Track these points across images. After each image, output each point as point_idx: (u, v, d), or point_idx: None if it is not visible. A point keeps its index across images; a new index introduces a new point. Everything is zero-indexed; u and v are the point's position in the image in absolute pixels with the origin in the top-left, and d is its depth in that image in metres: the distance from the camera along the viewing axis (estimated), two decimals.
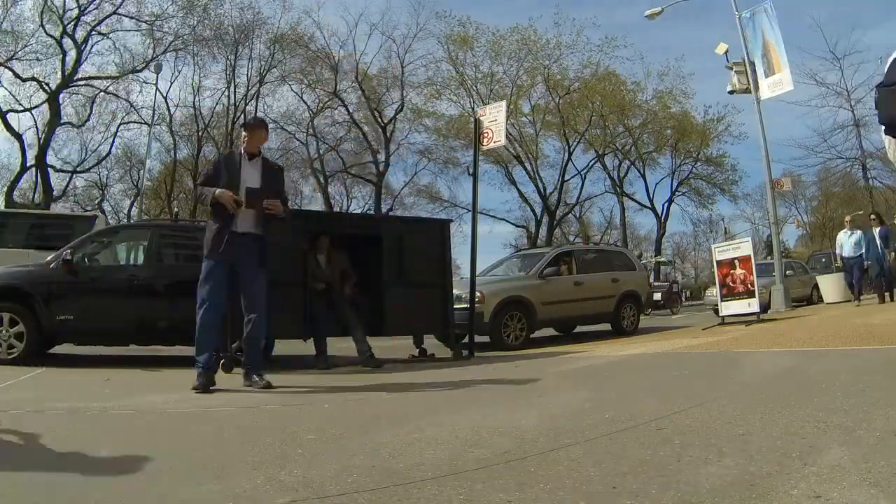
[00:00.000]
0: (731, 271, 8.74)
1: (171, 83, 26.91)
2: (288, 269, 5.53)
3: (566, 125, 28.34)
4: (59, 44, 21.55)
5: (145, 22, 22.85)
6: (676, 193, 33.61)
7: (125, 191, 29.45)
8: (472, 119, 9.41)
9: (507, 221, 32.93)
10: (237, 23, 24.79)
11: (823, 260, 19.81)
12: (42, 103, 22.14)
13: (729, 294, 8.77)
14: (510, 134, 25.63)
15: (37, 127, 22.52)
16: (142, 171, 24.27)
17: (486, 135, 7.18)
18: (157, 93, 22.86)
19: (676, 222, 63.56)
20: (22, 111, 22.10)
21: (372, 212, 27.46)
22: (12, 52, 20.95)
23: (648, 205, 33.43)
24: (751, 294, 8.45)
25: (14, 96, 21.87)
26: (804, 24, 33.84)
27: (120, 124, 25.07)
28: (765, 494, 1.53)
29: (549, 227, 30.04)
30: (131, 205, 28.13)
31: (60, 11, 21.40)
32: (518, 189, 30.63)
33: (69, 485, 1.84)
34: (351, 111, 27.97)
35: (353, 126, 28.37)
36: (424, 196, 31.14)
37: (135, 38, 24.15)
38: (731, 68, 12.96)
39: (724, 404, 2.82)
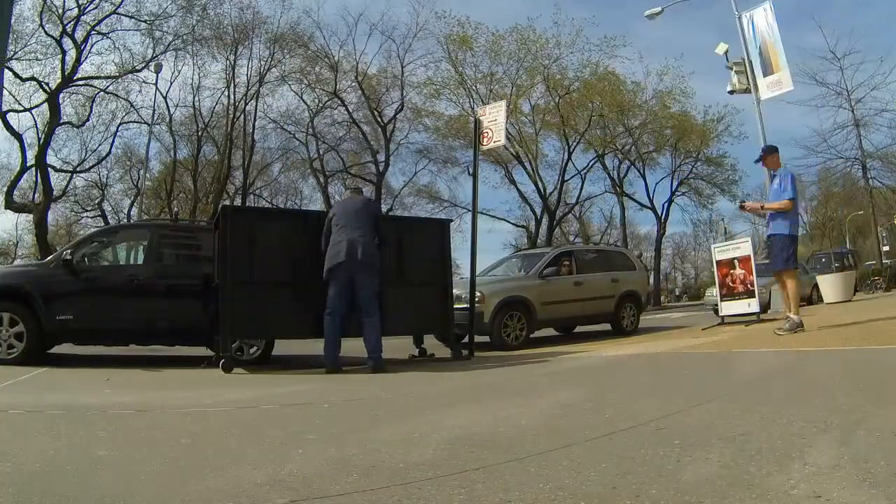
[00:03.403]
0: (731, 271, 8.75)
1: (171, 83, 26.94)
2: (291, 269, 5.53)
3: (566, 125, 28.29)
4: (59, 43, 21.50)
5: (145, 21, 22.81)
6: (676, 193, 33.60)
7: (125, 191, 29.52)
8: (472, 119, 9.42)
9: (507, 221, 32.92)
10: (236, 22, 24.79)
11: (823, 260, 19.81)
12: (42, 103, 22.08)
13: (729, 294, 8.77)
14: (510, 134, 25.61)
15: (37, 127, 22.48)
16: (142, 171, 24.24)
17: (485, 134, 7.19)
18: (157, 93, 22.88)
19: (676, 222, 63.59)
20: (22, 111, 22.05)
21: None
22: (12, 52, 20.89)
23: (648, 205, 33.45)
24: (751, 294, 8.46)
25: (14, 96, 21.80)
26: (810, 24, 33.73)
27: (120, 124, 25.03)
28: (765, 494, 1.53)
29: (549, 227, 30.02)
30: (131, 205, 28.16)
31: (60, 11, 21.35)
32: (518, 189, 30.68)
33: (68, 485, 1.84)
34: (351, 111, 27.98)
35: (353, 126, 28.37)
36: (424, 196, 31.20)
37: (134, 37, 24.21)
38: (731, 68, 12.96)
39: (724, 404, 2.82)
